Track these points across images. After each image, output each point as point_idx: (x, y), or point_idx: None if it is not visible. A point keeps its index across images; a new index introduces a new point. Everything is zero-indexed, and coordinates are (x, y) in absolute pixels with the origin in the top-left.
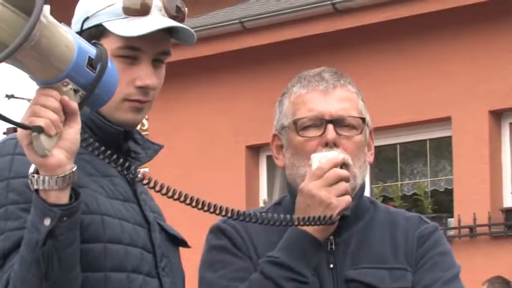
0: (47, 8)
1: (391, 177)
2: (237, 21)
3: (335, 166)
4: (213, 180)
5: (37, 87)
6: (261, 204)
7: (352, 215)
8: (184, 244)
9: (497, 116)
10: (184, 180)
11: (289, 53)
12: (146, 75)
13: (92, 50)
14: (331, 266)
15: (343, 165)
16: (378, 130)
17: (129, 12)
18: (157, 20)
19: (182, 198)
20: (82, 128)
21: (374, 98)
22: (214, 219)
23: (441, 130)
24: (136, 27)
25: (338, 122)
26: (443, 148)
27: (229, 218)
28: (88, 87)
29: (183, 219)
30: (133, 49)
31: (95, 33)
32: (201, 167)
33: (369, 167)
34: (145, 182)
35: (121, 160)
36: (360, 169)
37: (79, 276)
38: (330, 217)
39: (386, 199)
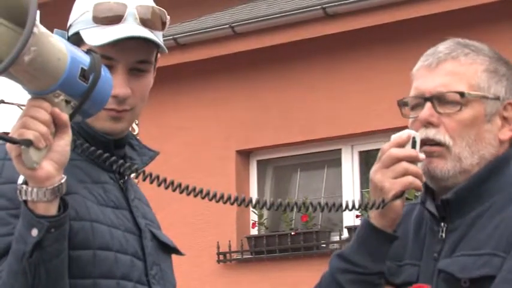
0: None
1: None
2: (227, 26)
3: (397, 146)
4: (204, 184)
5: (28, 96)
6: (252, 209)
7: (465, 199)
8: (177, 252)
9: None
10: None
11: (279, 58)
12: (118, 85)
13: (85, 60)
14: (435, 255)
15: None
16: (368, 134)
17: (98, 20)
18: (125, 29)
19: (181, 188)
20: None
21: (364, 102)
22: (204, 222)
23: None
24: (104, 35)
25: (438, 99)
26: None
27: (232, 203)
28: (80, 97)
29: (174, 222)
30: (107, 58)
31: (75, 41)
32: (191, 171)
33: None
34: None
35: (113, 157)
36: (468, 148)
37: (67, 285)
38: (381, 201)
39: None
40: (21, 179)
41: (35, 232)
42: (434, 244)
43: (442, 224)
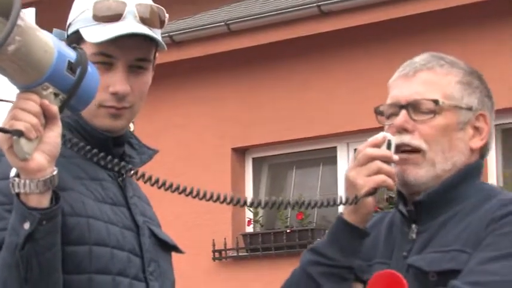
0: (26, 12)
1: None
2: (223, 23)
3: (372, 146)
4: (199, 182)
5: (18, 91)
6: (247, 207)
7: (437, 202)
8: (176, 249)
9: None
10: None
11: (274, 55)
12: (118, 82)
13: (72, 54)
14: (405, 254)
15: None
16: (364, 132)
17: (98, 18)
18: (125, 26)
19: (173, 188)
20: (70, 130)
21: (360, 100)
22: (199, 220)
23: None
24: (103, 33)
25: (413, 107)
26: None
27: (227, 203)
28: (68, 90)
29: (169, 220)
30: (107, 56)
31: (75, 40)
32: (186, 168)
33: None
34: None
35: (109, 157)
36: (442, 154)
37: (60, 279)
38: (352, 198)
39: None
40: (13, 172)
41: (27, 225)
42: (404, 244)
43: (413, 225)
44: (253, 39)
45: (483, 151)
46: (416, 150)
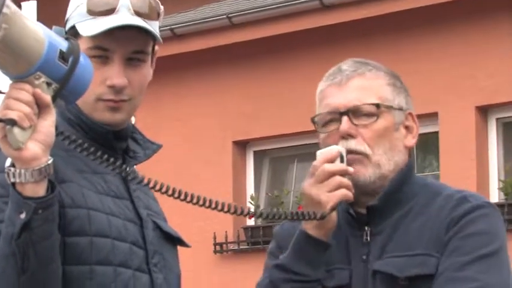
0: (27, 6)
1: None
2: (225, 16)
3: (328, 161)
4: (200, 175)
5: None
6: (248, 200)
7: (387, 204)
8: (182, 242)
9: (483, 111)
10: (171, 175)
11: (276, 48)
12: (114, 75)
13: (63, 44)
14: (364, 257)
15: (362, 155)
16: None
17: (92, 12)
18: (118, 19)
19: (170, 192)
20: (72, 126)
21: None
22: (201, 213)
23: (428, 126)
24: (97, 26)
25: (353, 112)
26: (430, 144)
27: (223, 211)
28: (61, 80)
29: (170, 213)
30: (103, 49)
31: (72, 35)
32: (188, 162)
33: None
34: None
35: (105, 156)
36: (385, 155)
37: (58, 268)
38: (320, 214)
39: None
40: (8, 162)
41: (23, 214)
42: (360, 248)
43: (366, 228)
44: (254, 32)
45: (411, 149)
46: (361, 153)
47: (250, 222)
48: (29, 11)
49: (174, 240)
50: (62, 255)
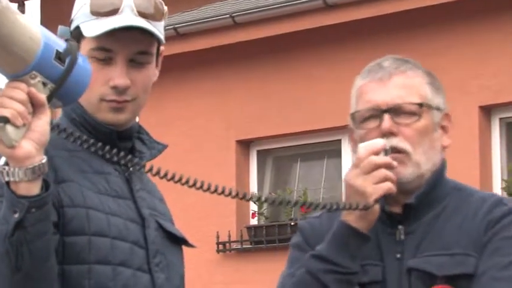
0: (30, 5)
1: None
2: (228, 15)
3: (373, 154)
4: (204, 174)
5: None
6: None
7: (422, 203)
8: (186, 243)
9: (487, 111)
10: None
11: (279, 48)
12: (117, 76)
13: (61, 44)
14: (398, 256)
15: (401, 152)
16: None
17: (95, 13)
18: (121, 20)
19: (169, 176)
20: (76, 125)
21: None
22: (204, 212)
23: None
24: (100, 27)
25: (395, 111)
26: None
27: (236, 198)
28: (57, 80)
29: (174, 212)
30: (106, 50)
31: (76, 36)
32: (191, 161)
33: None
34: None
35: (107, 147)
36: (425, 155)
37: (54, 267)
38: (364, 205)
39: None
40: (2, 160)
41: (16, 213)
42: (393, 245)
43: (400, 227)
44: (258, 31)
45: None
46: (402, 151)
47: (254, 221)
48: (32, 10)
49: (179, 241)
50: (60, 255)
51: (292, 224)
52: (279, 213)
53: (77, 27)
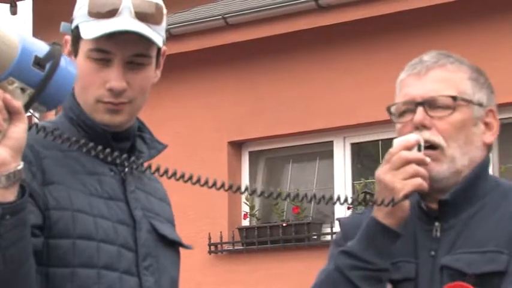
0: (22, 4)
1: (373, 174)
2: (220, 17)
3: (405, 149)
4: (196, 175)
5: None
6: (243, 200)
7: (459, 200)
8: (181, 245)
9: None
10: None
11: (272, 49)
12: (114, 78)
13: (41, 49)
14: (432, 253)
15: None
16: (361, 126)
17: (93, 14)
18: (119, 23)
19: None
20: (72, 125)
21: (356, 94)
22: (195, 213)
23: None
24: (97, 29)
25: (430, 104)
26: None
27: (239, 192)
28: (36, 86)
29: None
30: (104, 52)
31: (76, 34)
32: (183, 162)
33: (484, 147)
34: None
35: (99, 147)
36: (460, 149)
37: (31, 270)
38: (391, 200)
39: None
40: None
41: None
42: (429, 242)
43: (437, 223)
44: (250, 32)
45: (490, 146)
46: (434, 146)
47: (245, 222)
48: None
49: (173, 243)
50: (45, 257)
51: (284, 225)
52: (271, 214)
53: (76, 27)
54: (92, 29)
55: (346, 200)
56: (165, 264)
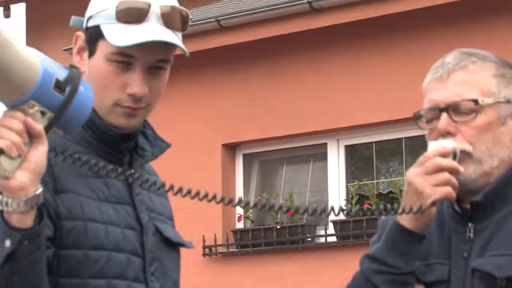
0: (16, 8)
1: (367, 176)
2: (213, 19)
3: (441, 155)
4: (189, 178)
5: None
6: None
7: (493, 200)
8: (183, 245)
9: None
10: (161, 177)
11: (265, 52)
12: (136, 83)
13: (60, 73)
14: (465, 255)
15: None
16: (354, 128)
17: (121, 19)
18: (149, 31)
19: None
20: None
21: (350, 96)
22: (190, 216)
23: (417, 129)
24: (126, 35)
25: (453, 109)
26: (419, 147)
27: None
28: (56, 109)
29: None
30: (126, 55)
31: (94, 34)
32: (177, 164)
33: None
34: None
35: (110, 166)
36: (488, 152)
37: (45, 287)
38: (419, 207)
39: (362, 197)
40: None
41: (8, 243)
42: (462, 244)
43: (470, 224)
44: (244, 35)
45: None
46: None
47: (240, 225)
48: (18, 13)
49: (175, 244)
50: (55, 267)
51: (278, 227)
52: (265, 216)
53: (97, 27)
54: (120, 35)
55: (341, 211)
56: (168, 267)
